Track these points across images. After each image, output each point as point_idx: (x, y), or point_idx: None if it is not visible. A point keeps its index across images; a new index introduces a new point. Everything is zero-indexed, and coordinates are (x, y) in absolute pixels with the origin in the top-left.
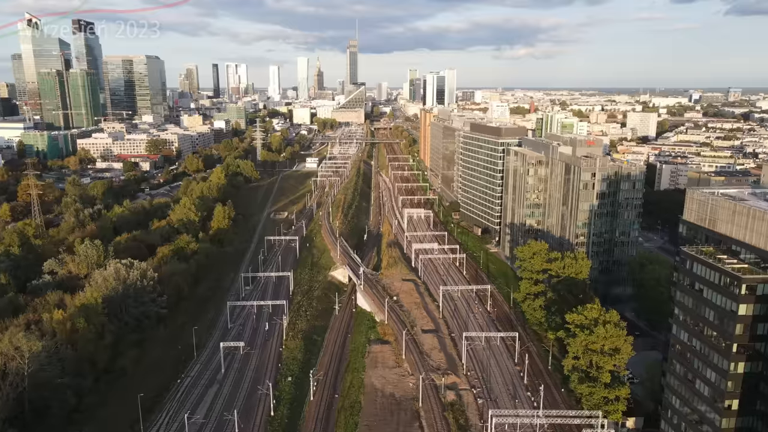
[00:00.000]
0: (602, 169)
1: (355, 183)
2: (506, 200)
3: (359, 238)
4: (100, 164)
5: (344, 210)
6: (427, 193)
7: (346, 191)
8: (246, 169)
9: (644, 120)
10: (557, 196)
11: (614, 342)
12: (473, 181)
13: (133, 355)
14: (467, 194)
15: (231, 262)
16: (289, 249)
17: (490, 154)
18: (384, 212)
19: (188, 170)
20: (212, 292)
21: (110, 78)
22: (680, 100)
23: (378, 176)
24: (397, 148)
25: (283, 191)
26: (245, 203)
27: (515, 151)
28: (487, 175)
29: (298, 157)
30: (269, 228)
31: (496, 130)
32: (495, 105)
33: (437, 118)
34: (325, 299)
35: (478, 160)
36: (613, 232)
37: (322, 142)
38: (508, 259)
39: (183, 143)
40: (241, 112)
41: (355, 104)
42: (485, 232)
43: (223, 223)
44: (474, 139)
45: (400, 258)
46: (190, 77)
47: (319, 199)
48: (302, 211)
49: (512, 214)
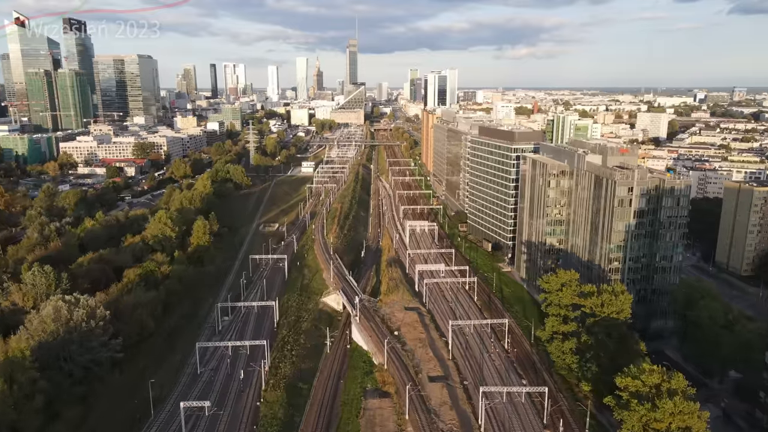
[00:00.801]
0: (641, 182)
1: (353, 190)
2: (522, 214)
3: (356, 253)
4: (81, 170)
5: (340, 221)
6: (430, 200)
7: (343, 199)
8: (236, 175)
9: (654, 121)
10: (584, 213)
11: (685, 420)
12: (482, 191)
13: (72, 417)
14: (476, 204)
15: (210, 285)
16: (276, 270)
17: (502, 161)
18: (384, 223)
19: (175, 176)
20: (185, 323)
21: (101, 78)
22: (685, 100)
23: (378, 181)
24: (397, 150)
25: (276, 199)
26: (233, 213)
27: (533, 159)
28: (499, 184)
29: (294, 161)
30: (257, 243)
31: (508, 134)
32: (500, 106)
33: (441, 120)
34: (314, 333)
35: (488, 168)
36: (653, 256)
37: (320, 145)
38: (524, 281)
39: (172, 146)
40: (237, 113)
41: (354, 105)
42: (496, 247)
43: (203, 239)
44: (483, 144)
45: (402, 280)
46: (188, 77)
47: (314, 208)
48: (294, 222)
49: (529, 230)
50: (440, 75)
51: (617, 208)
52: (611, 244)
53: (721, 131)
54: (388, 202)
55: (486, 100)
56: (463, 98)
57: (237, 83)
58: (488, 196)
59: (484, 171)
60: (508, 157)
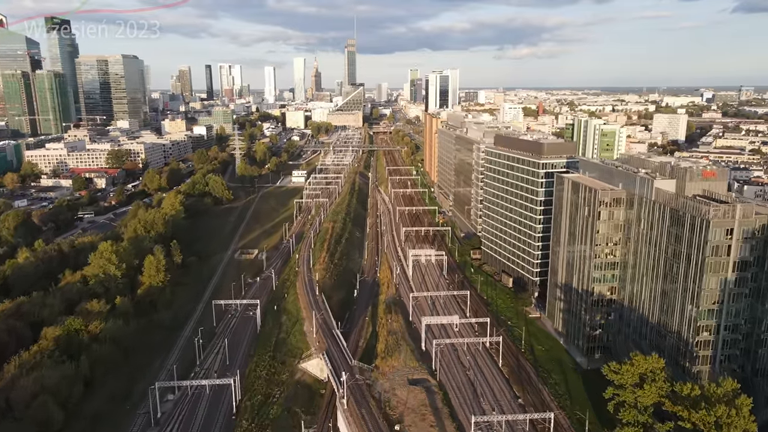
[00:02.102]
0: (745, 222)
1: (347, 204)
2: (556, 247)
3: (348, 290)
4: (46, 181)
5: (330, 247)
6: (435, 217)
7: (336, 217)
8: (215, 188)
9: (672, 122)
10: (652, 257)
11: None
12: (501, 212)
13: None
14: (492, 228)
15: (156, 346)
16: (246, 320)
17: (527, 178)
18: (382, 246)
19: (149, 189)
20: (112, 408)
21: (84, 80)
22: (693, 100)
23: (376, 192)
24: (398, 156)
25: (259, 216)
26: (207, 236)
27: (572, 180)
28: (522, 206)
29: (285, 169)
30: (230, 276)
31: (533, 145)
32: (507, 107)
33: (447, 125)
34: (287, 423)
35: (508, 185)
36: (758, 323)
37: (314, 150)
38: (560, 335)
39: (152, 154)
40: (229, 116)
41: (352, 106)
42: (519, 283)
43: (156, 278)
44: (501, 157)
45: (404, 335)
46: (183, 79)
47: (302, 228)
48: (277, 246)
49: (567, 271)
50: (442, 75)
51: (711, 258)
52: (699, 306)
53: (747, 134)
54: (388, 218)
55: (488, 101)
56: (464, 99)
57: (233, 84)
58: (508, 220)
59: (502, 189)
60: (534, 174)
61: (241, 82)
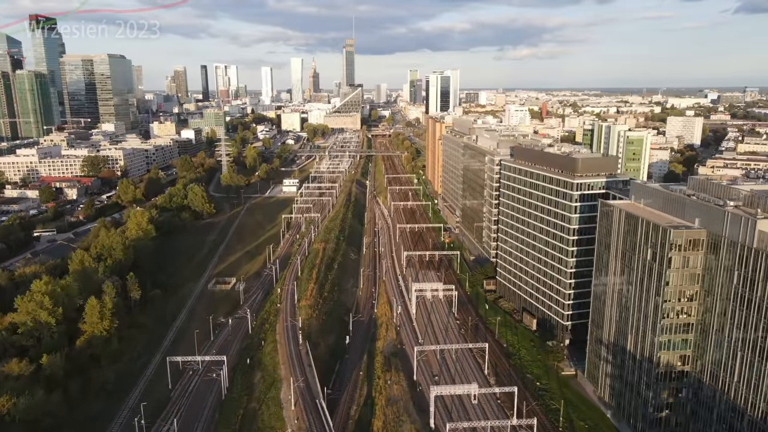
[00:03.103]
0: None
1: (342, 219)
2: (601, 293)
3: (339, 333)
4: (10, 192)
5: (320, 275)
6: (441, 236)
7: (328, 235)
8: (195, 200)
9: (687, 126)
10: (749, 323)
11: None
12: (522, 239)
13: None
14: (511, 257)
15: (85, 429)
16: (208, 384)
17: (557, 201)
18: (381, 272)
19: (123, 201)
20: None
21: (69, 81)
22: (699, 101)
23: (374, 204)
24: (397, 162)
25: (243, 234)
26: (181, 259)
27: (627, 211)
28: (551, 233)
29: (276, 176)
30: (198, 314)
31: (564, 161)
32: (513, 109)
33: (453, 131)
34: None
35: (532, 207)
36: None
37: (309, 155)
38: (607, 407)
39: (132, 161)
40: (221, 119)
41: (350, 108)
42: (545, 326)
43: (99, 327)
44: (522, 173)
45: (407, 403)
46: (178, 79)
47: (290, 249)
48: (260, 273)
49: (618, 326)
50: (443, 76)
51: None
52: None
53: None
54: (387, 237)
55: (489, 102)
56: (465, 100)
57: (229, 85)
58: (531, 248)
59: (524, 211)
60: (566, 195)
61: (237, 83)
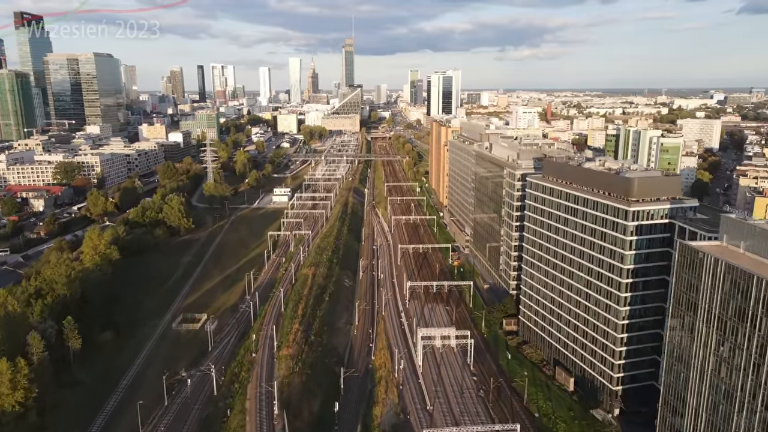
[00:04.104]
0: None
1: (336, 236)
2: (681, 366)
3: (328, 394)
4: None
5: (307, 312)
6: (449, 259)
7: (320, 257)
8: (171, 214)
9: (705, 128)
10: None
11: None
12: (554, 274)
13: None
14: (538, 294)
15: None
16: None
17: (604, 232)
18: (380, 304)
19: (92, 214)
20: None
21: (53, 81)
22: (705, 102)
23: (373, 216)
24: (398, 167)
25: (224, 254)
26: (145, 288)
27: (726, 262)
28: (595, 273)
29: (269, 183)
30: (155, 365)
31: (613, 181)
32: (520, 111)
33: (461, 137)
34: None
35: (568, 237)
36: None
37: (304, 159)
38: None
39: (111, 167)
40: (213, 120)
41: (349, 109)
42: (585, 387)
43: (10, 400)
44: (554, 193)
45: None
46: (174, 80)
47: (273, 274)
48: (236, 307)
49: (709, 417)
50: (445, 76)
51: None
52: None
53: None
54: (387, 259)
55: (491, 103)
56: (466, 101)
57: (226, 86)
58: (567, 287)
59: (556, 240)
60: (617, 226)
61: (234, 83)
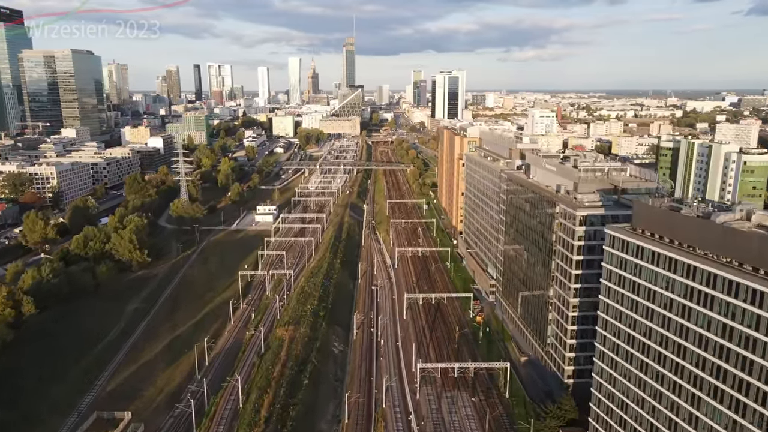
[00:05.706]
0: None
1: (325, 274)
2: None
3: None
4: None
5: (275, 406)
6: (470, 312)
7: (303, 308)
8: (121, 247)
9: (741, 134)
10: None
11: None
12: (665, 376)
13: None
14: (640, 407)
15: None
16: None
17: (758, 338)
18: (380, 389)
19: (28, 242)
20: None
21: (29, 80)
22: (718, 104)
23: (372, 242)
24: (401, 178)
25: (178, 302)
26: (59, 360)
27: None
28: (745, 387)
29: (255, 197)
30: None
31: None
32: (537, 115)
33: (483, 151)
34: None
35: (687, 337)
36: None
37: (297, 168)
38: None
39: (70, 180)
40: (202, 123)
41: (349, 110)
42: None
43: None
44: (660, 260)
45: None
46: (170, 80)
47: (240, 334)
48: (180, 390)
49: None
50: (451, 76)
51: None
52: None
53: None
54: (390, 308)
55: (497, 104)
56: (471, 102)
57: (223, 86)
58: (695, 405)
59: (662, 325)
60: None
61: (232, 83)
